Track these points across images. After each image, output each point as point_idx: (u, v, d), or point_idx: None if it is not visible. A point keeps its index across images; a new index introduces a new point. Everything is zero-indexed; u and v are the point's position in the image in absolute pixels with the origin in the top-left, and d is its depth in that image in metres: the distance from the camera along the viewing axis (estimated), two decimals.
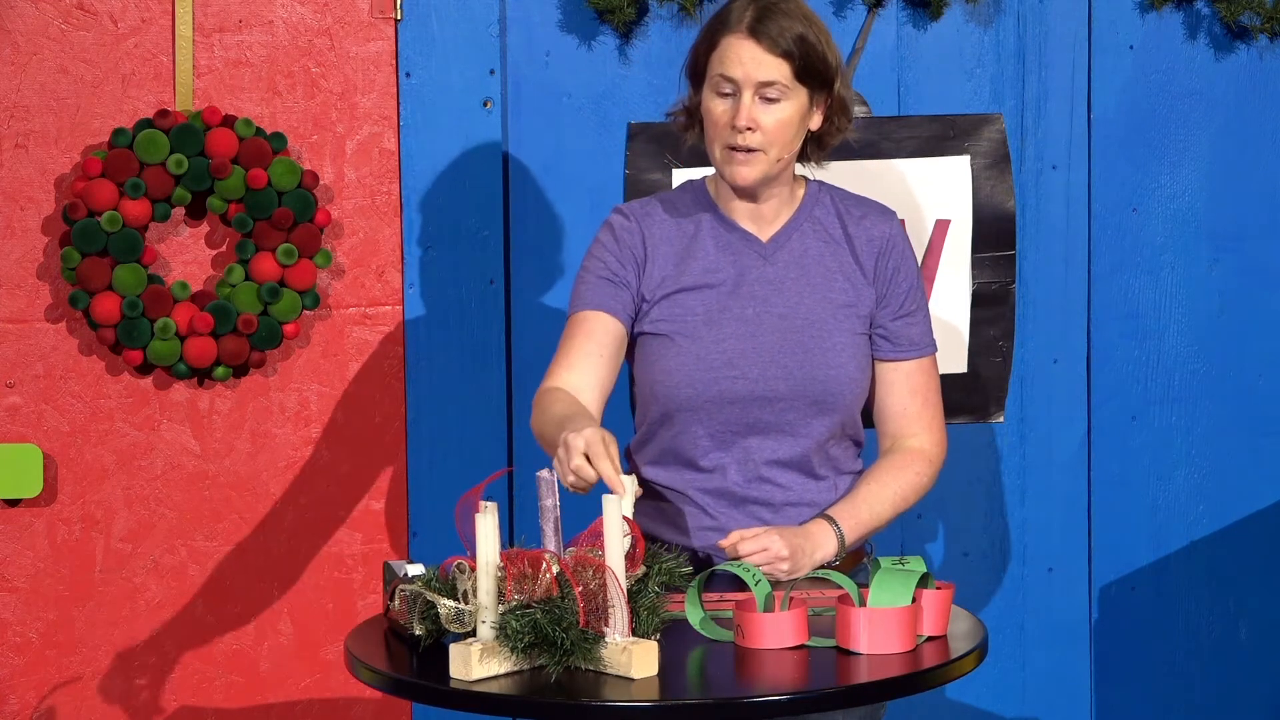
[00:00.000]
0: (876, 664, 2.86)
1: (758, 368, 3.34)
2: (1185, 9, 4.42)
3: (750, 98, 3.28)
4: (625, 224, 3.40)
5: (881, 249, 3.40)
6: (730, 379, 3.33)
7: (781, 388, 3.34)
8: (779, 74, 3.28)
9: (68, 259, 4.03)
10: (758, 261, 3.38)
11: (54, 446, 4.12)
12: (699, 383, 3.33)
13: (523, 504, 4.23)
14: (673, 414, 3.36)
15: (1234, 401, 4.51)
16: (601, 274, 3.37)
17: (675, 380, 3.34)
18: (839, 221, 3.41)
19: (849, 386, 3.36)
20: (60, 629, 4.15)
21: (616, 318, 3.35)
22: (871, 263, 3.39)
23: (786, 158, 3.34)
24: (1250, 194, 4.49)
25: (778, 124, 3.29)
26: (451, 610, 2.85)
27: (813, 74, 3.30)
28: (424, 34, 4.19)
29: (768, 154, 3.30)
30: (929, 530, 4.42)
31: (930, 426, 3.43)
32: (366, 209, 4.19)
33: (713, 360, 3.33)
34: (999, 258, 4.33)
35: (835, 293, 3.38)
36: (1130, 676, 4.52)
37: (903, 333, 3.40)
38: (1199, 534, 4.52)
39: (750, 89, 3.28)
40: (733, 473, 3.36)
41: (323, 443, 4.20)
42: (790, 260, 3.39)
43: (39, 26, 4.06)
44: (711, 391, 3.33)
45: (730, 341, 3.34)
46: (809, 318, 3.36)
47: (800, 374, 3.34)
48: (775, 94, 3.28)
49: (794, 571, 3.23)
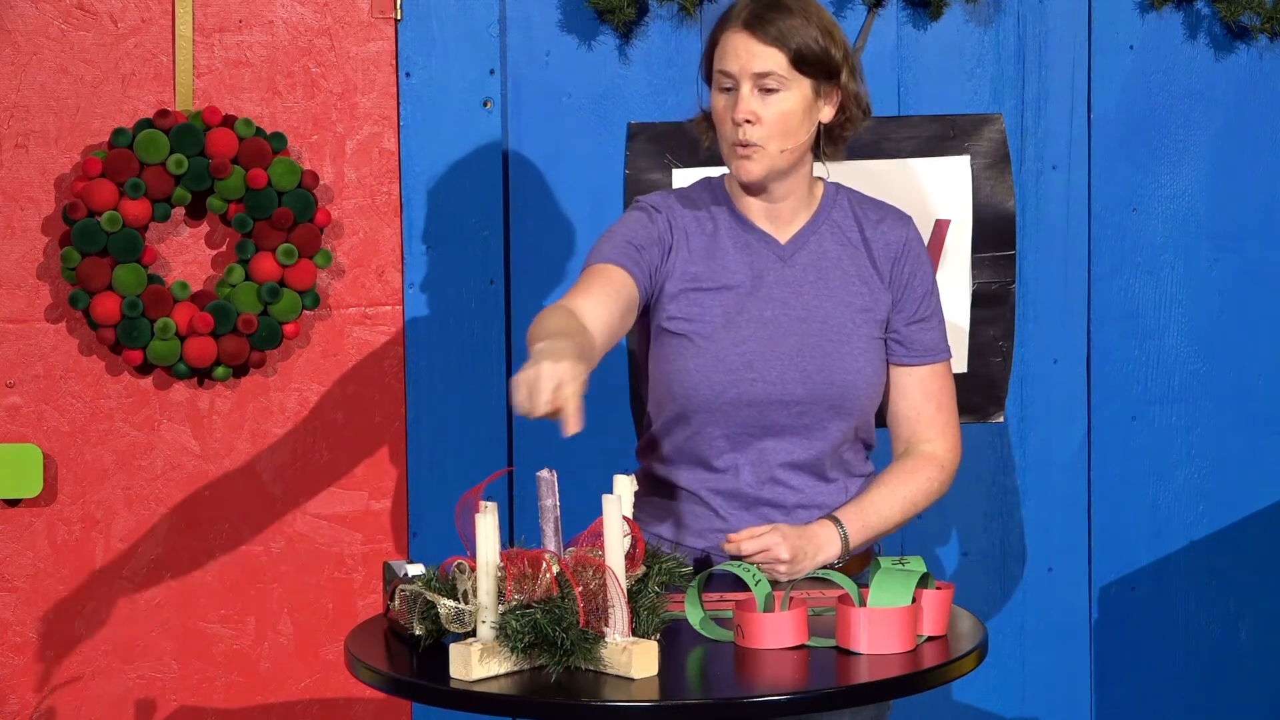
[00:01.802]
0: (876, 664, 2.86)
1: (776, 370, 3.33)
2: (1185, 9, 4.42)
3: (748, 90, 3.27)
4: (654, 211, 3.36)
5: (898, 253, 3.39)
6: (749, 381, 3.32)
7: (799, 391, 3.33)
8: (774, 63, 3.26)
9: (68, 259, 4.02)
10: (776, 263, 3.37)
11: (54, 446, 4.12)
12: (718, 384, 3.32)
13: (523, 504, 4.23)
14: (689, 414, 3.35)
15: (1234, 401, 4.51)
16: (627, 238, 3.31)
17: (694, 381, 3.33)
18: (856, 224, 3.40)
19: (866, 390, 3.35)
20: (60, 629, 4.15)
21: (634, 278, 3.28)
22: (888, 267, 3.38)
23: (791, 151, 3.30)
24: (1250, 194, 4.49)
25: (778, 115, 3.27)
26: (451, 610, 2.85)
27: (811, 62, 3.27)
28: (424, 34, 4.19)
29: (768, 148, 3.28)
30: (929, 530, 4.42)
31: (944, 432, 3.42)
32: (366, 209, 4.19)
33: (732, 362, 3.32)
34: (999, 258, 4.33)
35: (853, 296, 3.37)
36: (1130, 676, 4.52)
37: (917, 338, 3.39)
38: (1199, 534, 4.52)
39: (748, 81, 3.26)
40: (746, 474, 3.35)
41: (323, 443, 4.20)
42: (808, 263, 3.37)
43: (39, 26, 4.06)
44: (730, 393, 3.32)
45: (749, 344, 3.33)
46: (827, 321, 3.35)
47: (819, 378, 3.33)
48: (774, 84, 3.26)
49: (793, 573, 3.23)
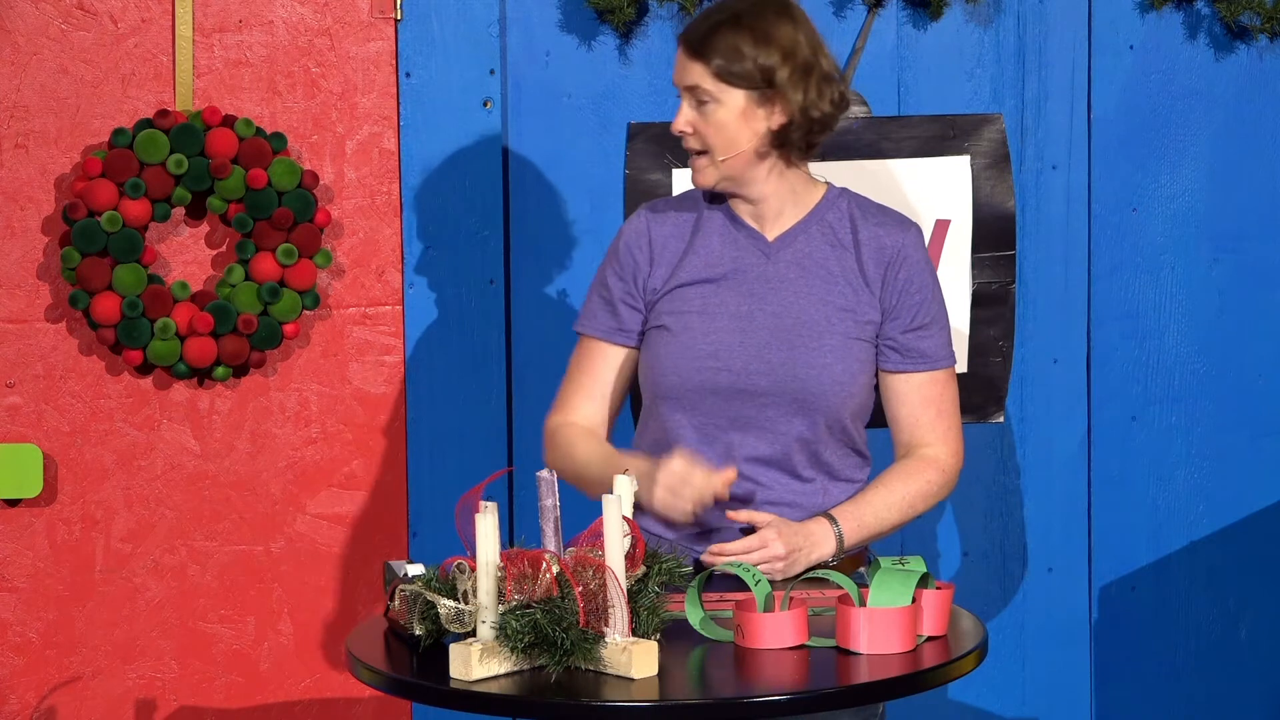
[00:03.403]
0: (876, 664, 2.86)
1: (741, 361, 3.34)
2: (1185, 9, 4.42)
3: (685, 103, 3.35)
4: (636, 227, 3.44)
5: (891, 259, 3.38)
6: (713, 370, 3.34)
7: (763, 382, 3.34)
8: (698, 77, 3.32)
9: (68, 259, 4.02)
10: (760, 259, 3.39)
11: (54, 446, 4.12)
12: (683, 371, 3.35)
13: (523, 504, 4.23)
14: (659, 403, 3.38)
15: (1234, 401, 4.51)
16: (605, 298, 3.43)
17: (663, 367, 3.36)
18: (850, 227, 3.40)
19: (832, 388, 3.34)
20: (60, 629, 4.15)
21: (619, 345, 3.42)
22: (879, 272, 3.37)
23: (736, 158, 3.33)
24: (1250, 194, 4.49)
25: (711, 126, 3.33)
26: (451, 610, 2.85)
27: (737, 74, 3.30)
28: (424, 34, 4.19)
29: (712, 155, 3.34)
30: (929, 530, 4.42)
31: (945, 437, 3.41)
32: (366, 209, 4.19)
33: (699, 350, 3.35)
34: (999, 258, 4.33)
35: (834, 295, 3.37)
36: (1130, 676, 4.52)
37: (915, 345, 3.38)
38: (1199, 534, 4.52)
39: (685, 95, 3.35)
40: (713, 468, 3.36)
41: (323, 443, 4.20)
42: (792, 260, 3.39)
43: (39, 26, 4.06)
44: (694, 381, 3.34)
45: (720, 334, 3.35)
46: (801, 317, 3.36)
47: (783, 371, 3.34)
48: (704, 96, 3.32)
49: (789, 570, 3.24)
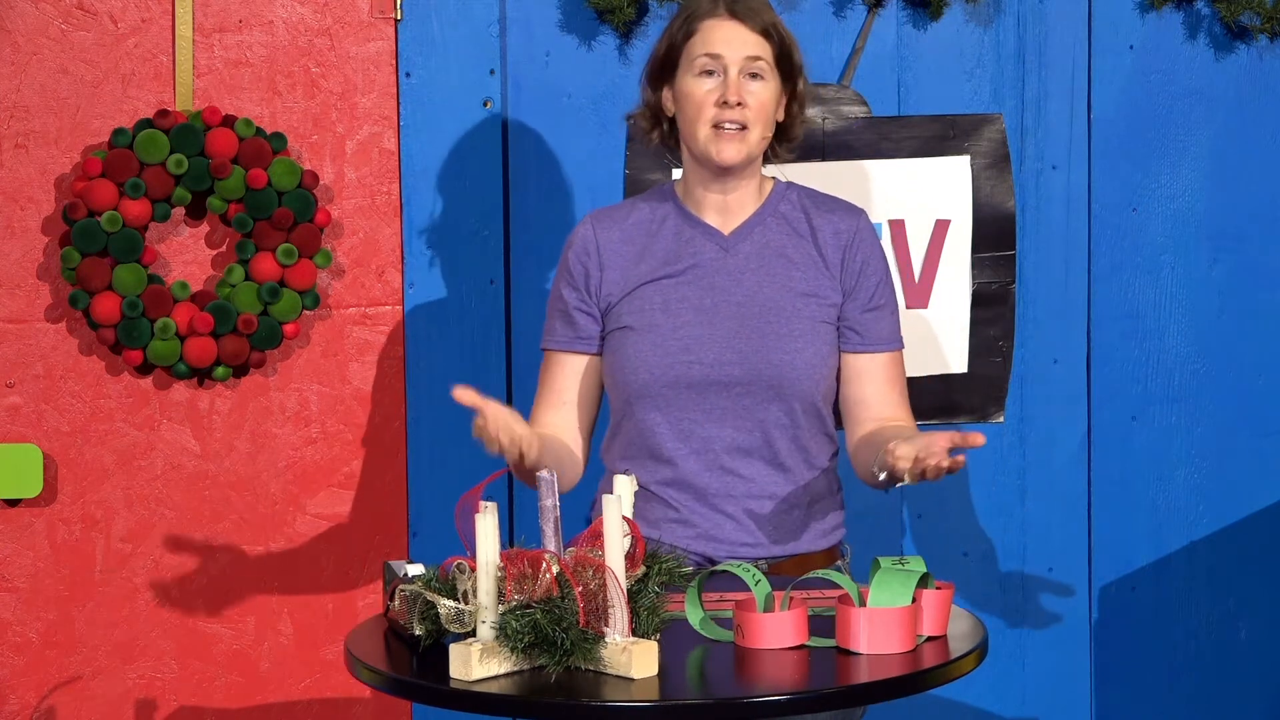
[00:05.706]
0: (876, 664, 2.86)
1: (713, 353, 3.35)
2: (1185, 9, 4.42)
3: (737, 74, 3.35)
4: (583, 235, 3.46)
5: (848, 241, 3.41)
6: (685, 364, 3.34)
7: (736, 372, 3.34)
8: (762, 51, 3.36)
9: (68, 259, 4.02)
10: (718, 253, 3.40)
11: (54, 446, 4.12)
12: (655, 368, 3.35)
13: (523, 504, 4.23)
14: (632, 403, 3.37)
15: (1234, 401, 4.51)
16: (561, 309, 3.45)
17: (633, 366, 3.36)
18: (804, 216, 3.44)
19: (805, 371, 3.35)
20: (60, 629, 4.15)
21: (580, 353, 3.44)
22: (838, 256, 3.41)
23: (765, 140, 3.39)
24: (1250, 194, 4.49)
25: (761, 102, 3.36)
26: (451, 610, 2.85)
27: (785, 60, 3.39)
28: (424, 34, 4.19)
29: (752, 131, 3.35)
30: (929, 530, 4.42)
31: (910, 415, 3.44)
32: (366, 209, 4.19)
33: (669, 346, 3.35)
34: (999, 258, 4.33)
35: (796, 281, 3.39)
36: (1130, 676, 4.52)
37: (872, 326, 3.40)
38: (1199, 534, 4.52)
39: (736, 66, 3.35)
40: (692, 463, 3.36)
41: (323, 443, 4.20)
42: (751, 251, 3.40)
43: (39, 26, 4.06)
44: (668, 377, 3.34)
45: (687, 329, 3.36)
46: (767, 305, 3.37)
47: (755, 358, 3.34)
48: (759, 70, 3.36)
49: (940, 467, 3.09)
